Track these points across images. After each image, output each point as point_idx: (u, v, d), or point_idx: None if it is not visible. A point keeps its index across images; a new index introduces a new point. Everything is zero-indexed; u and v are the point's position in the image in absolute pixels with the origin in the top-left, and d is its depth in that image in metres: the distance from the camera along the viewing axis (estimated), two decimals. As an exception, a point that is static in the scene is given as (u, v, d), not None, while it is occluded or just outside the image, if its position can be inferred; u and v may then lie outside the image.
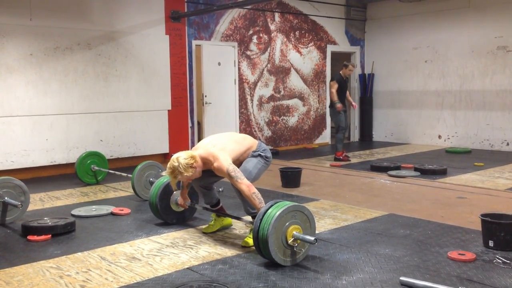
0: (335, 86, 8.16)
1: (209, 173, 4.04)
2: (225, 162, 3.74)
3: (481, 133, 9.58)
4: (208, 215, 4.74)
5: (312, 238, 3.34)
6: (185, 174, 3.74)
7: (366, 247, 3.81)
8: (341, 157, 8.25)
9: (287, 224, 3.39)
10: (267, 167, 4.13)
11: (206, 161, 3.84)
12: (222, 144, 3.93)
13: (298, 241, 3.41)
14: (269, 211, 3.40)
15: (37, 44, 6.98)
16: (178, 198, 4.42)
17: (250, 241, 3.87)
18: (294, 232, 3.39)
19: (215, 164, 3.77)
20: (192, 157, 3.77)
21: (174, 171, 3.74)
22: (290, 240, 3.38)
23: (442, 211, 4.94)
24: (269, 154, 4.14)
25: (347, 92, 8.49)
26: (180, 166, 3.71)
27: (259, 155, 4.06)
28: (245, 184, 3.67)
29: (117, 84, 7.77)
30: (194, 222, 4.60)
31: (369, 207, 5.13)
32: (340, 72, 8.30)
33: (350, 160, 8.26)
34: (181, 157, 3.75)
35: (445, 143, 10.09)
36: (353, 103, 8.80)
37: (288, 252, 3.42)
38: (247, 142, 4.10)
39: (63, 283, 3.20)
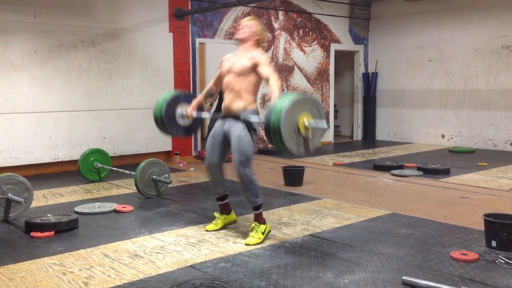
0: None
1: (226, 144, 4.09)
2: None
3: (485, 133, 9.56)
4: (211, 213, 4.75)
5: (324, 124, 3.42)
6: (260, 27, 4.05)
7: (368, 246, 3.81)
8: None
9: (297, 114, 3.43)
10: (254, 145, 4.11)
11: (251, 47, 4.03)
12: None
13: (311, 129, 3.46)
14: (278, 103, 3.43)
15: (41, 41, 6.99)
16: (184, 110, 4.41)
17: (253, 239, 3.89)
18: (305, 119, 3.43)
19: (259, 60, 3.90)
20: (259, 37, 4.06)
21: (258, 23, 4.09)
22: (302, 129, 3.44)
23: (445, 210, 4.94)
24: (257, 130, 4.12)
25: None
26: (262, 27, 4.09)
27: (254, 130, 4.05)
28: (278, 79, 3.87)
29: (120, 82, 7.78)
30: (197, 220, 4.60)
31: (372, 206, 5.12)
32: None
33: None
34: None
35: (449, 142, 10.07)
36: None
37: (301, 141, 3.47)
38: None
39: (66, 279, 3.21)
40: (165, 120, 4.39)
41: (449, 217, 4.68)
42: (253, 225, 3.99)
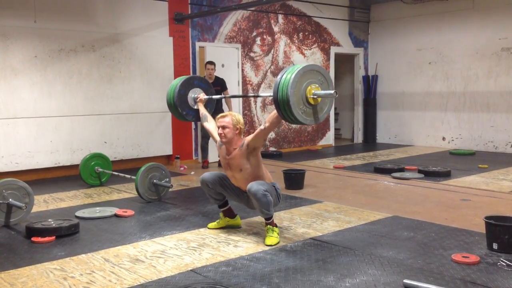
0: None
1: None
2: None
3: (485, 135, 9.55)
4: (212, 217, 4.75)
5: (332, 91, 3.48)
6: (235, 118, 4.02)
7: (369, 250, 3.81)
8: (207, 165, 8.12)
9: (304, 85, 3.50)
10: (277, 203, 4.17)
11: (237, 140, 4.04)
12: None
13: (319, 99, 3.54)
14: (284, 76, 3.49)
15: (42, 46, 7.01)
16: (198, 95, 4.58)
17: (274, 239, 3.95)
18: (313, 91, 3.51)
19: (248, 137, 4.00)
20: (241, 126, 4.05)
21: (233, 114, 4.05)
22: (310, 100, 3.52)
23: (446, 213, 4.93)
24: (281, 193, 4.22)
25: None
26: (237, 115, 4.08)
27: (274, 186, 4.13)
28: (266, 123, 3.88)
29: (121, 86, 7.79)
30: (198, 224, 4.60)
31: (373, 209, 5.12)
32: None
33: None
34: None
35: (449, 145, 10.06)
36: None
37: (310, 111, 3.56)
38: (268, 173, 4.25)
39: (67, 284, 3.21)
40: (177, 100, 4.51)
41: (450, 219, 4.68)
42: (267, 227, 4.04)
